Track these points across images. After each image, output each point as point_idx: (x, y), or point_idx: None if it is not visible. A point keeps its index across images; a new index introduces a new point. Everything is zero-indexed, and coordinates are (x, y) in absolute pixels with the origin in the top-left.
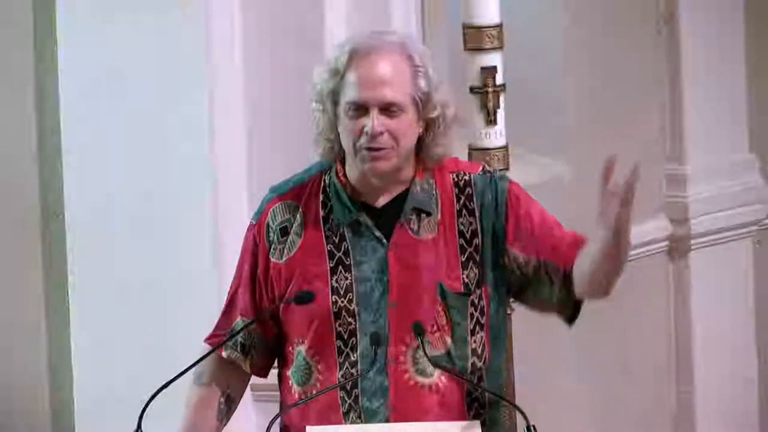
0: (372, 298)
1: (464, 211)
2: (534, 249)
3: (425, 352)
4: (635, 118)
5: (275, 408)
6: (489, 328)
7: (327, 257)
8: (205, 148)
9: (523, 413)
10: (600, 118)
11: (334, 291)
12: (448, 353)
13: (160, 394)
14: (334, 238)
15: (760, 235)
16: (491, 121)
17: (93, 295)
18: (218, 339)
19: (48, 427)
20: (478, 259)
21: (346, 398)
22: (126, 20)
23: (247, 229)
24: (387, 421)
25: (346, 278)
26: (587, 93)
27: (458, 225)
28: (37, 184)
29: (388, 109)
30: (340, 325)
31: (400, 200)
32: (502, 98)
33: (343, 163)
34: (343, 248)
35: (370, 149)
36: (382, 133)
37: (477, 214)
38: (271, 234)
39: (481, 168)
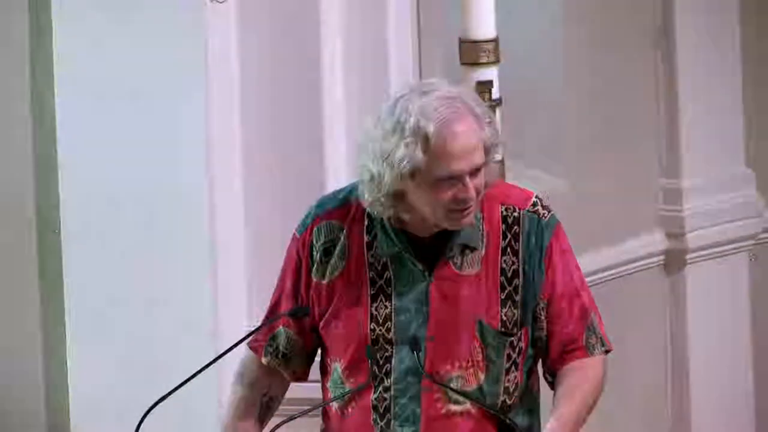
0: (410, 329)
1: (509, 249)
2: (552, 331)
3: (450, 388)
4: (632, 133)
5: (272, 421)
6: (524, 368)
7: (368, 284)
8: (202, 157)
9: None
10: (597, 132)
11: (373, 319)
12: (480, 389)
13: (158, 407)
14: (377, 265)
15: (756, 249)
16: None
17: (89, 302)
18: (260, 344)
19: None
20: (517, 299)
21: (378, 420)
22: (123, 29)
23: (291, 240)
24: None
25: (386, 307)
26: (584, 107)
27: (501, 262)
28: (33, 195)
29: (475, 171)
30: (376, 352)
31: (445, 233)
32: (498, 113)
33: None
34: (385, 277)
35: (462, 210)
36: (475, 196)
37: (520, 255)
38: (315, 253)
39: (531, 202)
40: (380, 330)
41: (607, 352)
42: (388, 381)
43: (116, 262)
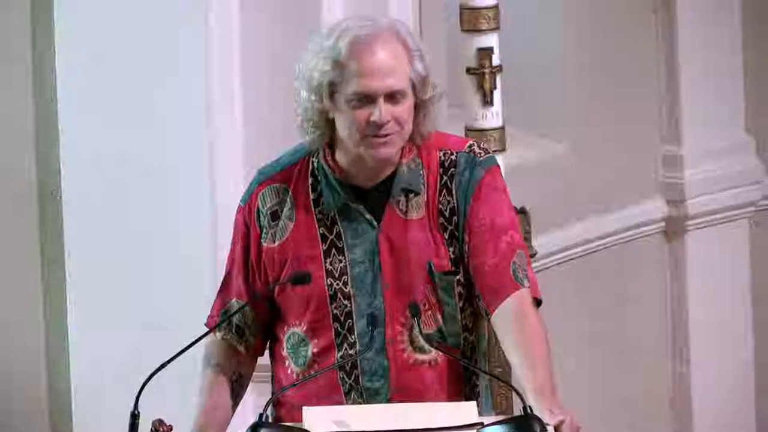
0: (366, 281)
1: (444, 190)
2: (475, 264)
3: (421, 332)
4: (632, 100)
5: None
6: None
7: (320, 241)
8: (202, 126)
9: (519, 394)
10: (597, 99)
11: (329, 274)
12: (440, 330)
13: (157, 375)
14: (326, 221)
15: (756, 215)
16: (488, 102)
17: (90, 274)
18: (215, 320)
19: (45, 406)
20: (458, 236)
21: (346, 378)
22: (124, 4)
23: (237, 211)
24: (389, 399)
25: (340, 261)
26: (584, 74)
27: (438, 204)
28: (34, 164)
29: (392, 96)
30: (336, 308)
31: (387, 181)
32: (498, 79)
33: (329, 146)
34: (335, 231)
35: (376, 136)
36: (389, 121)
37: (454, 192)
38: (262, 218)
39: (467, 144)
40: (337, 284)
41: (535, 299)
42: (352, 337)
43: (116, 228)
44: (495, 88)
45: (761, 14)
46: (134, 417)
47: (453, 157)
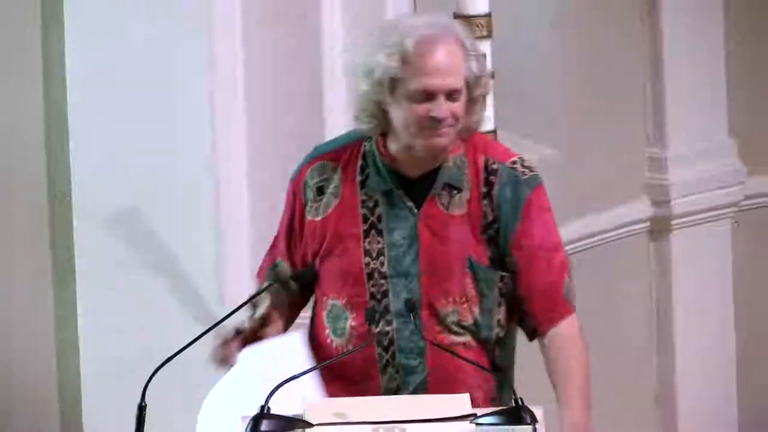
0: (402, 263)
1: (487, 198)
2: (528, 282)
3: (417, 329)
4: (619, 104)
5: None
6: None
7: (361, 220)
8: (208, 129)
9: (514, 391)
10: (586, 103)
11: (367, 253)
12: (475, 323)
13: (164, 369)
14: (369, 203)
15: (738, 216)
16: None
17: (99, 273)
18: (262, 271)
19: (55, 400)
20: (497, 243)
21: (383, 354)
22: (132, 7)
23: (289, 180)
24: (426, 377)
25: (378, 242)
26: (573, 79)
27: (482, 206)
28: (44, 166)
29: (451, 94)
30: (372, 286)
31: (431, 174)
32: (491, 85)
33: (382, 134)
34: (376, 213)
35: (433, 129)
36: (447, 117)
37: (495, 203)
38: (308, 192)
39: (511, 159)
40: (374, 264)
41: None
42: (389, 315)
43: (125, 228)
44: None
45: (744, 21)
46: (141, 409)
47: (495, 167)
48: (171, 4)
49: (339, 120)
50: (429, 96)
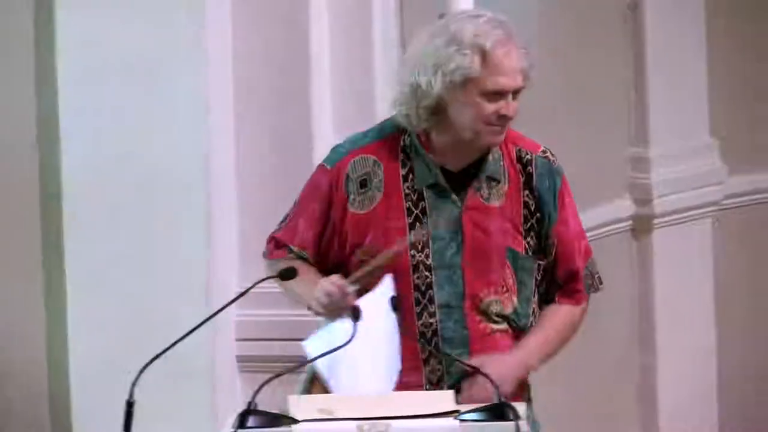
0: (446, 255)
1: (527, 188)
2: (555, 270)
3: (400, 324)
4: (602, 105)
5: (261, 378)
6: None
7: (406, 214)
8: (199, 130)
9: (495, 386)
10: (569, 104)
11: (412, 246)
12: (515, 312)
13: (152, 365)
14: (413, 196)
15: (718, 215)
16: None
17: (89, 273)
18: (273, 255)
19: (45, 396)
20: (535, 231)
21: (427, 346)
22: (123, 9)
23: (318, 171)
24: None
25: (423, 235)
26: (557, 80)
27: (524, 196)
28: (36, 166)
29: (516, 93)
30: (417, 278)
31: (472, 167)
32: None
33: (424, 129)
34: (420, 206)
35: (497, 125)
36: (513, 115)
37: (536, 193)
38: (351, 185)
39: (541, 149)
40: (420, 256)
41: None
42: (432, 307)
43: (115, 228)
44: None
45: (726, 23)
46: (130, 405)
47: (528, 157)
48: (161, 5)
49: (326, 118)
50: (499, 95)
